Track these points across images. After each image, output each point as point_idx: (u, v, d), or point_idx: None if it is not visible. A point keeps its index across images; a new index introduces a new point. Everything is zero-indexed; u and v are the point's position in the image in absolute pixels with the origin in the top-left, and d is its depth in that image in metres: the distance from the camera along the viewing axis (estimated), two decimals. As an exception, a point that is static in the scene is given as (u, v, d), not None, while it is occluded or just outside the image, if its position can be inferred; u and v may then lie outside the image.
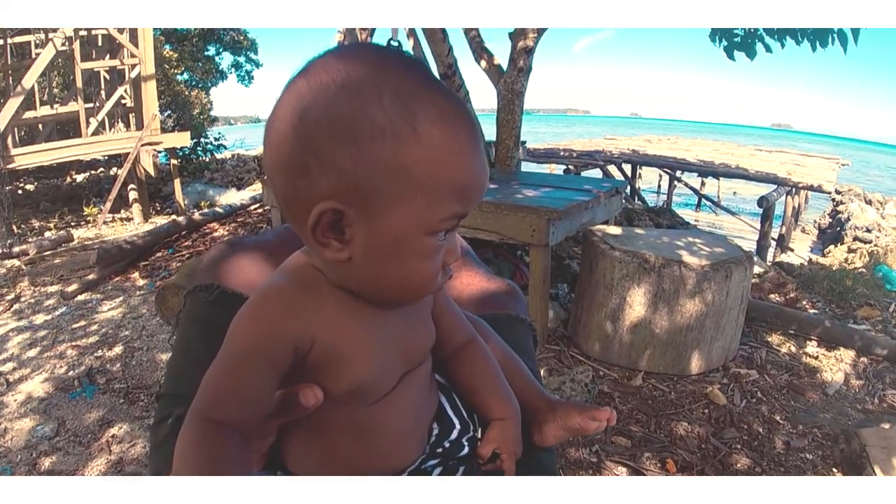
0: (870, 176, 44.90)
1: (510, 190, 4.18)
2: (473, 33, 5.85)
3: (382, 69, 0.57)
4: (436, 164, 0.57)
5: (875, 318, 5.43)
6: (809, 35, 5.96)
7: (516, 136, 5.25)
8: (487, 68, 5.68)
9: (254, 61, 18.28)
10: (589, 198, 4.00)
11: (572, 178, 5.13)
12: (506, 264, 4.56)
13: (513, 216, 3.65)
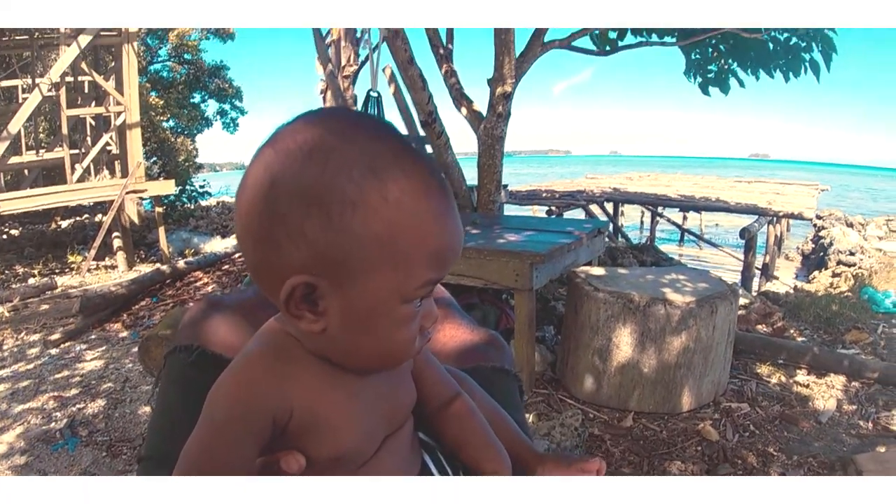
0: (850, 199, 45.51)
1: (493, 235, 4.20)
2: (453, 80, 5.95)
3: (351, 137, 0.57)
4: (408, 234, 0.57)
5: (864, 342, 5.44)
6: (782, 66, 6.11)
7: (497, 180, 5.30)
8: (468, 115, 5.76)
9: (239, 108, 18.51)
10: (571, 240, 4.02)
11: (554, 220, 5.17)
12: (491, 309, 4.55)
13: (496, 261, 3.66)
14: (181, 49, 16.61)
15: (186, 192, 12.12)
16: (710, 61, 6.64)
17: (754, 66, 6.36)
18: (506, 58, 5.18)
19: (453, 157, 5.50)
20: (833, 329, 5.75)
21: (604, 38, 6.61)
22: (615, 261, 6.24)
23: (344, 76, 10.02)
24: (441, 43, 6.04)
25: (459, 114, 5.87)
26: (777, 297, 7.14)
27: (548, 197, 11.17)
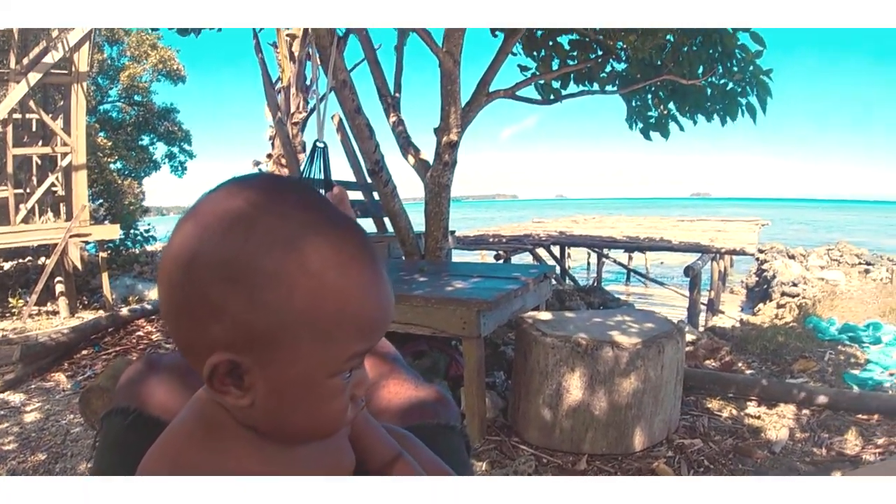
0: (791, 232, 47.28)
1: (440, 282, 4.20)
2: (400, 129, 6.01)
3: (272, 208, 0.56)
4: (333, 307, 0.55)
5: (812, 370, 5.58)
6: (720, 111, 6.35)
7: (444, 226, 5.34)
8: (415, 163, 5.81)
9: (187, 152, 18.37)
10: (518, 286, 4.04)
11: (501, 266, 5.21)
12: (441, 356, 4.52)
13: (443, 309, 3.65)
14: (131, 90, 16.47)
15: (131, 237, 11.94)
16: (650, 107, 6.88)
17: (693, 111, 6.61)
18: (451, 107, 5.27)
19: (400, 204, 5.52)
20: (780, 360, 5.88)
21: (547, 87, 6.79)
22: (563, 303, 6.30)
23: (293, 123, 10.05)
24: (388, 92, 6.11)
25: (407, 162, 5.92)
26: (724, 332, 7.29)
27: (495, 242, 11.25)
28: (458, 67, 5.22)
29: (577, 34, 6.34)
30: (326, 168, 2.60)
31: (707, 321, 10.80)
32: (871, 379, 5.50)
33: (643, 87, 6.50)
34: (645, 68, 6.33)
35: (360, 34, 6.12)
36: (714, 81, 6.35)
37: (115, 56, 16.55)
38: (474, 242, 11.53)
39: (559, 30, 6.36)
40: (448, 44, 5.10)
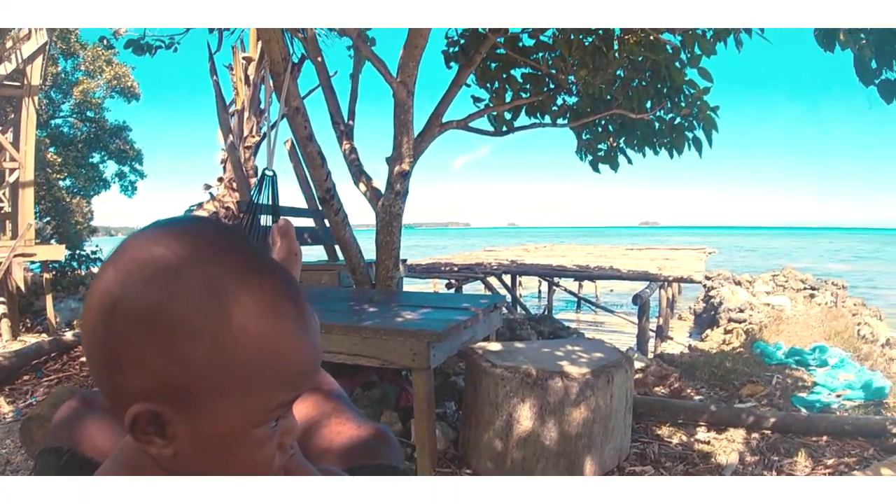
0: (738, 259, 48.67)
1: (390, 313, 4.17)
2: (353, 157, 5.99)
3: (195, 256, 0.54)
4: (255, 359, 0.54)
5: (760, 394, 5.69)
6: (667, 144, 6.52)
7: (395, 256, 5.31)
8: (366, 191, 5.79)
9: (138, 172, 17.99)
10: (468, 316, 4.03)
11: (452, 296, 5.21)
12: (392, 387, 4.47)
13: (392, 340, 3.61)
14: (84, 106, 16.03)
15: (78, 257, 11.59)
16: (600, 140, 7.03)
17: (641, 144, 6.78)
18: (404, 137, 5.29)
19: (351, 233, 5.48)
20: (729, 385, 5.99)
21: (500, 119, 6.88)
22: (514, 332, 6.32)
23: (245, 147, 9.92)
24: (342, 120, 6.10)
25: (358, 190, 5.90)
26: (672, 359, 7.40)
27: (447, 270, 11.27)
28: (412, 98, 5.26)
29: (530, 67, 6.45)
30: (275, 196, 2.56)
31: (656, 348, 10.98)
32: (818, 401, 5.64)
33: (593, 120, 6.65)
34: (595, 102, 6.47)
35: (316, 61, 6.12)
36: (662, 116, 6.53)
37: (70, 70, 16.15)
38: (426, 271, 11.54)
39: (513, 62, 6.47)
40: (402, 74, 5.14)
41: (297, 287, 0.60)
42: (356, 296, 5.12)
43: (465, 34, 6.32)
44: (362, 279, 5.49)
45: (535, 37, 6.26)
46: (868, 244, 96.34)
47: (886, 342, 10.46)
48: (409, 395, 4.23)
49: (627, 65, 6.19)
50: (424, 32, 4.86)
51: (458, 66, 6.20)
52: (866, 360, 8.41)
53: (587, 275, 11.66)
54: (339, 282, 6.27)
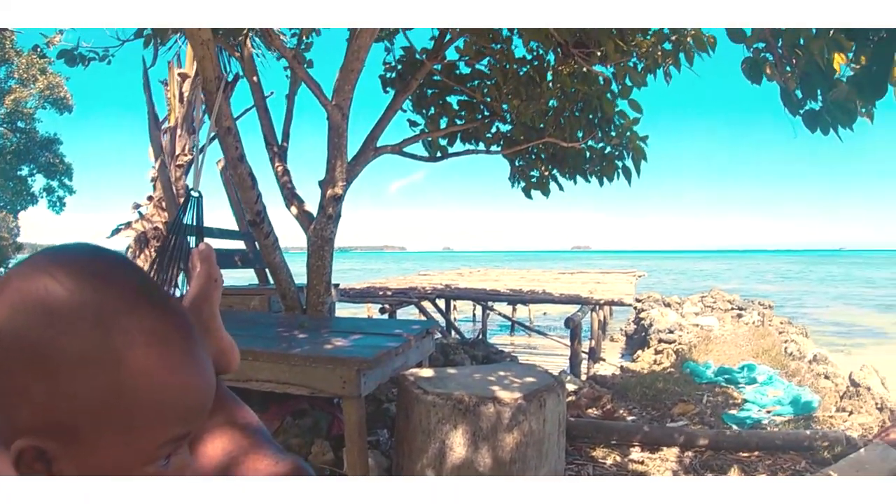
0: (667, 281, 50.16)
1: (320, 339, 4.08)
2: (285, 179, 5.90)
3: (81, 287, 0.52)
4: (143, 393, 0.51)
5: (691, 413, 5.81)
6: (597, 172, 6.68)
7: (327, 281, 5.23)
8: (298, 214, 5.71)
9: (67, 187, 17.30)
10: (400, 342, 3.99)
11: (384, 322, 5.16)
12: (323, 415, 4.38)
13: (322, 368, 3.54)
14: (16, 115, 15.34)
15: (3, 275, 10.96)
16: (532, 167, 7.15)
17: (572, 172, 6.93)
18: (338, 160, 5.23)
19: (281, 257, 5.36)
20: (660, 404, 6.10)
21: (435, 144, 6.93)
22: (447, 357, 6.30)
23: (177, 165, 9.65)
24: (276, 141, 6.02)
25: (290, 213, 5.81)
26: (605, 380, 7.52)
27: (381, 295, 11.18)
28: (346, 121, 5.22)
29: (465, 95, 6.53)
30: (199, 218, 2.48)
31: (589, 369, 11.14)
32: (748, 418, 5.81)
33: (526, 148, 6.77)
34: (528, 131, 6.60)
35: (251, 80, 6.03)
36: (593, 145, 6.71)
37: (3, 77, 15.44)
38: (360, 295, 11.40)
39: (449, 90, 6.53)
40: (337, 97, 5.10)
41: (187, 320, 0.58)
42: (286, 322, 5.00)
43: (403, 60, 6.36)
44: (293, 304, 5.37)
45: (472, 65, 6.36)
46: (794, 265, 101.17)
47: (813, 358, 10.89)
48: (341, 423, 4.15)
49: (560, 95, 6.33)
50: (361, 56, 4.85)
51: (394, 92, 6.22)
52: (794, 377, 8.76)
53: (520, 299, 11.79)
54: (269, 307, 6.12)
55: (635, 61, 5.70)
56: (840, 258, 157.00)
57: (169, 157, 9.67)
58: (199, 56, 4.15)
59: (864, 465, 3.77)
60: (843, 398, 7.55)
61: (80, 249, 0.58)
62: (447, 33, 5.87)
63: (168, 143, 9.74)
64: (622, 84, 5.95)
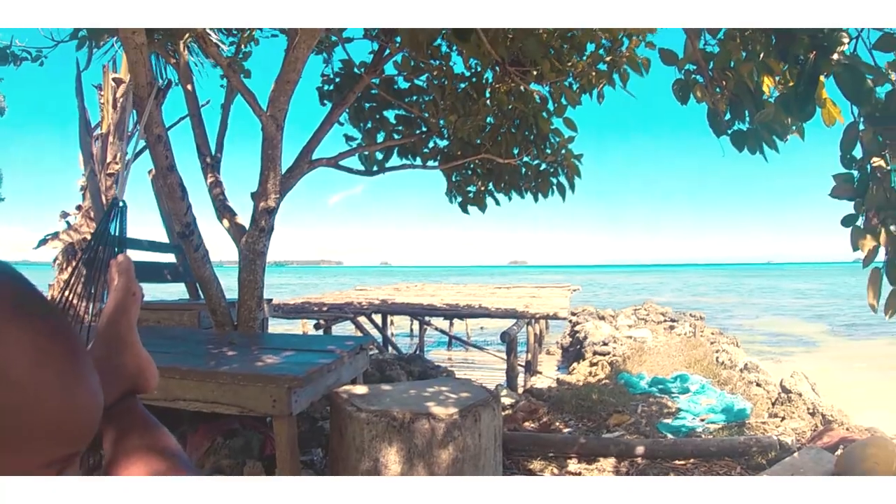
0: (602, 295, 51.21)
1: (250, 357, 3.95)
2: (217, 190, 5.75)
3: None
4: (19, 409, 0.47)
5: (626, 423, 5.90)
6: (533, 189, 6.76)
7: (259, 296, 5.08)
8: (230, 227, 5.57)
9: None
10: (332, 359, 3.90)
11: (316, 338, 5.04)
12: (255, 435, 4.24)
13: (251, 386, 3.42)
14: None
15: None
16: (469, 183, 7.19)
17: (508, 188, 7.00)
18: (271, 172, 5.11)
19: (211, 271, 5.19)
20: (596, 416, 6.17)
21: (371, 158, 6.88)
22: (383, 373, 6.24)
23: (108, 174, 9.28)
24: (209, 151, 5.86)
25: (222, 225, 5.67)
26: (541, 393, 7.57)
27: (317, 310, 11.01)
28: (281, 132, 5.12)
29: (403, 110, 6.52)
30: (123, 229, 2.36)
31: (526, 382, 11.22)
32: (683, 426, 5.94)
33: (463, 163, 6.80)
34: (465, 147, 6.63)
35: (186, 88, 5.87)
36: (528, 161, 6.79)
37: None
38: (295, 311, 11.18)
39: (386, 104, 6.51)
40: (272, 108, 4.99)
41: (71, 332, 0.54)
42: (216, 338, 4.84)
43: (341, 72, 6.31)
44: (223, 320, 5.21)
45: (410, 80, 6.36)
46: (724, 278, 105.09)
47: (745, 367, 11.25)
48: (274, 442, 4.04)
49: (497, 112, 6.40)
50: (298, 67, 4.77)
51: (331, 104, 6.16)
52: (726, 385, 9.04)
53: (456, 313, 11.81)
54: (199, 323, 5.90)
55: (571, 81, 5.81)
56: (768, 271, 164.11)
57: (99, 165, 9.31)
58: (132, 60, 4.02)
59: (799, 469, 3.89)
60: (774, 404, 7.82)
61: None
62: (386, 48, 5.86)
63: (99, 151, 9.38)
64: (558, 103, 6.06)
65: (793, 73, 2.54)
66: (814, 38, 2.29)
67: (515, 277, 65.51)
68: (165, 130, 4.97)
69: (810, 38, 2.28)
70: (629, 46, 5.42)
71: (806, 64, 2.32)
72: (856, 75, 2.23)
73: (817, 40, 2.29)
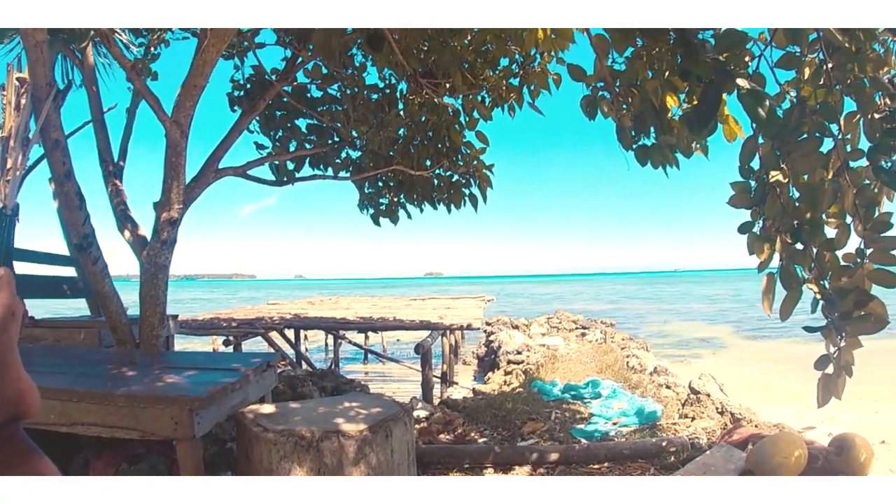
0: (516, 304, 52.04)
1: (150, 377, 3.73)
2: (118, 199, 5.47)
3: None
4: None
5: (540, 430, 5.96)
6: (446, 200, 6.78)
7: (161, 311, 4.82)
8: (131, 239, 5.30)
9: None
10: (236, 378, 3.74)
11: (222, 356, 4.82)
12: (160, 460, 4.01)
13: (151, 409, 3.24)
14: None
15: None
16: (381, 194, 7.15)
17: (420, 200, 7.00)
18: (174, 181, 4.87)
19: (111, 286, 4.91)
20: (510, 424, 6.22)
21: (282, 168, 6.72)
22: (295, 390, 6.07)
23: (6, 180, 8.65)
24: (111, 158, 5.58)
25: (123, 237, 5.38)
26: (457, 404, 7.58)
27: (227, 326, 10.63)
28: (186, 139, 4.88)
29: (315, 119, 6.41)
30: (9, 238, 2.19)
31: (442, 394, 11.23)
32: (596, 431, 6.07)
33: (375, 175, 6.75)
34: (377, 158, 6.59)
35: (90, 90, 5.57)
36: (441, 173, 6.82)
37: None
38: (203, 327, 10.75)
39: (298, 113, 6.39)
40: (177, 113, 4.75)
41: None
42: (117, 357, 4.56)
43: (252, 79, 6.13)
44: (125, 338, 4.92)
45: (323, 89, 6.25)
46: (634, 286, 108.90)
47: (654, 370, 11.61)
48: (178, 466, 3.84)
49: (410, 123, 6.39)
50: (206, 71, 4.58)
51: (241, 111, 5.98)
52: (637, 388, 9.31)
53: (370, 326, 11.72)
54: (99, 341, 5.54)
55: (484, 95, 5.87)
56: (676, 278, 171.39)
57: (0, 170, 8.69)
58: (32, 58, 3.78)
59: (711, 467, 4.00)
60: (684, 405, 8.10)
61: None
62: (299, 55, 5.74)
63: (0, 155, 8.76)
64: (470, 116, 6.11)
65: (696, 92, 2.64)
66: (716, 60, 2.39)
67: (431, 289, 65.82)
68: (64, 135, 4.70)
69: (713, 60, 2.38)
70: (541, 62, 5.52)
71: (709, 84, 2.41)
72: (758, 98, 2.34)
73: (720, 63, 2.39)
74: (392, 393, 12.26)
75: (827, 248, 2.72)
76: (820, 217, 2.72)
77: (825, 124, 2.65)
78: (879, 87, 2.67)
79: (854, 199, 2.65)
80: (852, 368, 2.72)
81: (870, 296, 2.58)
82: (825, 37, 2.48)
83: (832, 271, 2.72)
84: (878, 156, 2.62)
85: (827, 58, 2.62)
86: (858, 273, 2.62)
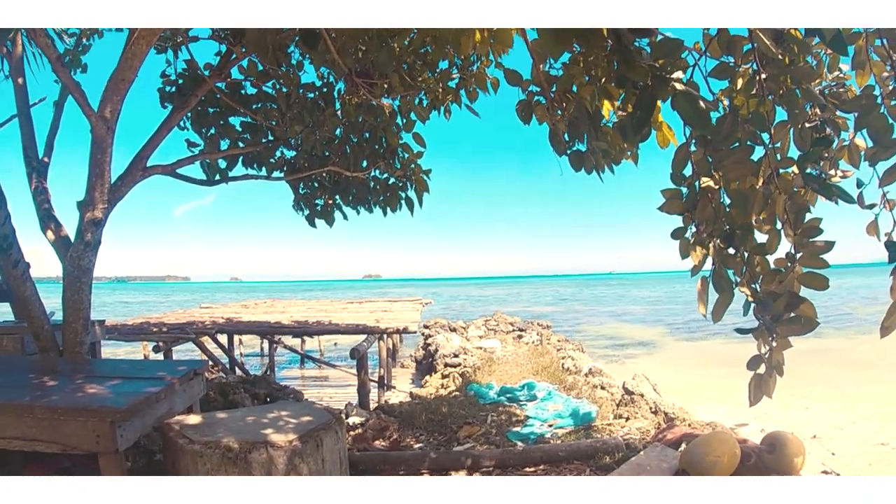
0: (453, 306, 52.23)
1: (71, 387, 3.55)
2: (42, 198, 5.23)
3: None
4: None
5: (476, 434, 5.97)
6: (382, 203, 6.73)
7: (85, 317, 4.60)
8: (54, 240, 5.06)
9: None
10: (161, 387, 3.60)
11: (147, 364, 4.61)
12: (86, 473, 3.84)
13: (72, 421, 3.08)
14: None
15: None
16: (317, 195, 7.04)
17: (356, 201, 6.94)
18: (98, 180, 4.65)
19: (34, 290, 4.65)
20: (447, 429, 6.21)
21: (214, 167, 6.54)
22: (227, 397, 5.90)
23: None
24: (36, 155, 5.31)
25: (46, 238, 5.14)
26: (392, 409, 7.54)
27: (156, 331, 10.24)
28: (112, 136, 4.67)
29: (249, 117, 6.26)
30: None
31: (379, 398, 11.16)
32: (532, 433, 6.11)
33: (310, 175, 6.65)
34: (312, 158, 6.49)
35: (16, 82, 5.29)
36: (377, 175, 6.77)
37: None
38: (132, 332, 10.31)
39: (232, 110, 6.22)
40: (103, 108, 4.53)
41: None
42: (38, 366, 4.33)
43: (184, 74, 5.94)
44: (48, 345, 4.68)
45: (258, 86, 6.11)
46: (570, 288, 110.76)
47: (589, 371, 11.76)
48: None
49: (346, 124, 6.31)
50: (135, 65, 4.39)
51: (172, 107, 5.78)
52: (572, 390, 9.43)
53: (305, 330, 11.52)
54: (23, 348, 5.23)
55: (421, 97, 5.85)
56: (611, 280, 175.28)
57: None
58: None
59: (645, 467, 4.08)
60: (619, 406, 8.23)
61: None
62: (233, 51, 5.59)
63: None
64: (407, 118, 6.08)
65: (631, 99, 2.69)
66: (652, 66, 2.43)
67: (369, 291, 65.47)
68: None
69: (649, 66, 2.42)
70: (480, 66, 5.54)
71: (645, 90, 2.46)
72: (692, 100, 2.39)
73: (656, 69, 2.43)
74: (329, 398, 12.14)
75: (758, 252, 2.81)
76: (751, 223, 2.81)
77: (757, 133, 2.75)
78: (810, 97, 2.78)
79: (784, 205, 2.74)
80: (783, 368, 2.82)
81: (800, 298, 2.69)
82: (759, 48, 2.56)
83: (763, 275, 2.82)
84: (807, 164, 2.74)
85: (760, 68, 2.71)
86: (789, 276, 2.72)
